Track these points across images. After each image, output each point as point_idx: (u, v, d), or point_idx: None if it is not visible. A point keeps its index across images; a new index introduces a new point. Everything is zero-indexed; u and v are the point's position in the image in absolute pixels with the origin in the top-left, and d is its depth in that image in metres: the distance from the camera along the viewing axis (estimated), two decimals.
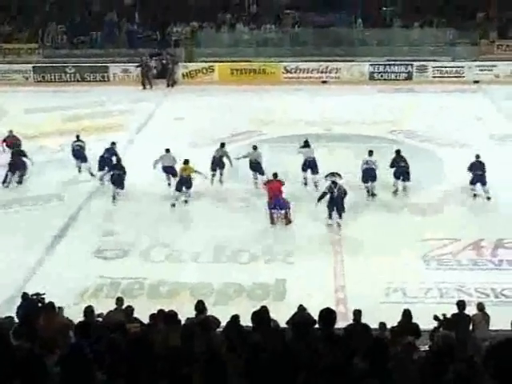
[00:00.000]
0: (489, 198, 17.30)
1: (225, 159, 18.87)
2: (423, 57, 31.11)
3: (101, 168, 18.91)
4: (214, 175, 18.65)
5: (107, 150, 19.22)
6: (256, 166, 18.63)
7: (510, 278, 13.68)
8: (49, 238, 15.80)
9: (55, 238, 15.87)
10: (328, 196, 16.14)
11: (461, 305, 10.65)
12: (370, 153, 18.07)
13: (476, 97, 27.62)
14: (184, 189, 17.68)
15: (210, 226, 16.15)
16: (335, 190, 16.04)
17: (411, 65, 30.72)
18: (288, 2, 33.93)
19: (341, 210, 16.07)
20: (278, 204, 16.45)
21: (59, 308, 10.40)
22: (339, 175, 16.73)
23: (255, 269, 14.35)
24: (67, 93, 28.82)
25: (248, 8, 34.11)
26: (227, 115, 24.60)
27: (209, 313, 10.21)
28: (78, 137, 20.02)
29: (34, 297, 11.01)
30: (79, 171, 19.65)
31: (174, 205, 17.44)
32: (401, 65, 30.83)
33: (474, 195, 17.59)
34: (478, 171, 17.46)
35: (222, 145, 19.20)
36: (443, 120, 23.77)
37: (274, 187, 16.61)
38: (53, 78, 31.36)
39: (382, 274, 13.68)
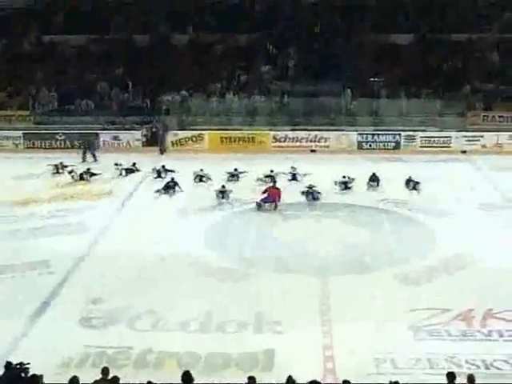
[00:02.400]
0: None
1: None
2: (411, 127, 31.75)
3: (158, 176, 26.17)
4: None
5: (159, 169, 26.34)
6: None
7: (501, 349, 13.63)
8: (35, 305, 15.63)
9: (41, 305, 15.71)
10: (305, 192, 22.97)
11: (450, 376, 10.61)
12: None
13: (463, 166, 28.06)
14: (223, 198, 23.08)
15: (198, 293, 16.11)
16: (311, 190, 22.90)
17: (399, 134, 31.29)
18: (277, 72, 34.75)
19: (316, 198, 22.70)
20: (271, 200, 21.96)
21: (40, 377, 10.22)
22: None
23: (243, 338, 14.25)
24: (57, 159, 28.99)
25: (237, 78, 34.84)
26: (216, 182, 24.85)
27: (196, 383, 10.12)
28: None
29: (18, 366, 10.87)
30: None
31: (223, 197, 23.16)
32: (389, 134, 31.40)
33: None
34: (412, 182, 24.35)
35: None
36: (431, 189, 24.08)
37: (274, 192, 22.27)
38: (43, 144, 31.69)
39: (370, 344, 13.62)
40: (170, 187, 24.21)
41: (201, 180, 25.66)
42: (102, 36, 36.21)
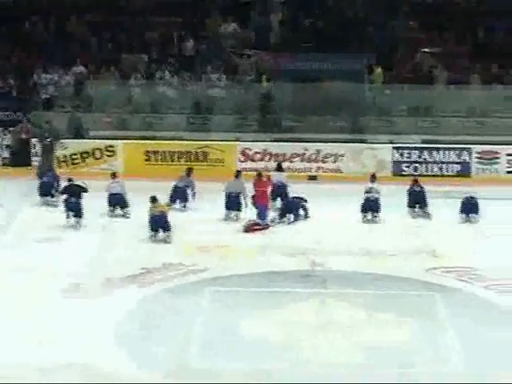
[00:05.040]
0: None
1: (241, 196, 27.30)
2: (489, 136, 32.29)
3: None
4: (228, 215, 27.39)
5: None
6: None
7: None
8: None
9: None
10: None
11: None
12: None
13: None
14: (161, 230, 25.00)
15: None
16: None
17: (468, 150, 31.81)
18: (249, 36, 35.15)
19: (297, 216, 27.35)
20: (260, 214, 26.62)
21: None
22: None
23: None
24: None
25: (178, 44, 35.24)
26: (139, 237, 25.13)
27: None
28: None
29: None
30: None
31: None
32: (449, 149, 31.97)
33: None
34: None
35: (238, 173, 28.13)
36: None
37: (261, 194, 26.86)
38: None
39: None
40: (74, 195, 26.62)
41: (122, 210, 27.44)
42: None
